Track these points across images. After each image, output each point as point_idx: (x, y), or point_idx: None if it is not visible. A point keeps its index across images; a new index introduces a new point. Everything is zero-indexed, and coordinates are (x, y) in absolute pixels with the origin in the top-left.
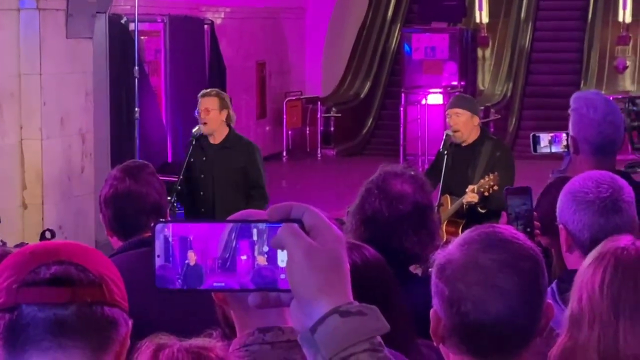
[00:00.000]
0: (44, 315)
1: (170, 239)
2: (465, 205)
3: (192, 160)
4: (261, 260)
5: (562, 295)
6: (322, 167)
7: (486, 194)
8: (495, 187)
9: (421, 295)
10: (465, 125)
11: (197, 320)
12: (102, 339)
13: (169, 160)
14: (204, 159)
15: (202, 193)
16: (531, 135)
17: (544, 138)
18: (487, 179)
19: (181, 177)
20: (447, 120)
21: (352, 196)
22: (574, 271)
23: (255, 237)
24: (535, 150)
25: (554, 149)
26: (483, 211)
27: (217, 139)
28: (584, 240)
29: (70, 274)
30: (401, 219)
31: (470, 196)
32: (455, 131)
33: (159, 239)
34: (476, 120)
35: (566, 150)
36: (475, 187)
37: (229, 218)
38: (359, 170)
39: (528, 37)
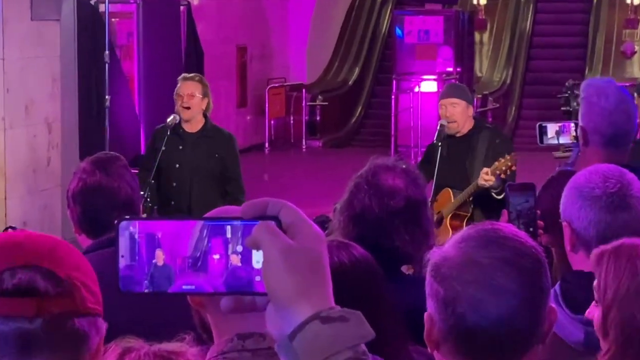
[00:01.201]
0: (7, 328)
1: (136, 237)
2: (475, 189)
3: (164, 149)
4: (235, 260)
5: (566, 297)
6: (307, 159)
7: (503, 176)
8: (514, 168)
9: (414, 297)
10: (461, 116)
11: (172, 325)
12: (71, 353)
13: (142, 152)
14: (180, 147)
15: (174, 184)
16: (537, 125)
17: (551, 128)
18: (503, 161)
19: (153, 168)
20: (441, 111)
21: (339, 191)
22: (579, 272)
23: (229, 235)
24: (542, 141)
25: (562, 140)
26: (499, 197)
27: (194, 127)
28: (589, 239)
29: (35, 283)
30: (392, 215)
31: (486, 178)
32: (451, 122)
33: (124, 236)
34: (471, 110)
35: (575, 141)
36: (490, 169)
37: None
38: (347, 163)
39: (529, 19)
